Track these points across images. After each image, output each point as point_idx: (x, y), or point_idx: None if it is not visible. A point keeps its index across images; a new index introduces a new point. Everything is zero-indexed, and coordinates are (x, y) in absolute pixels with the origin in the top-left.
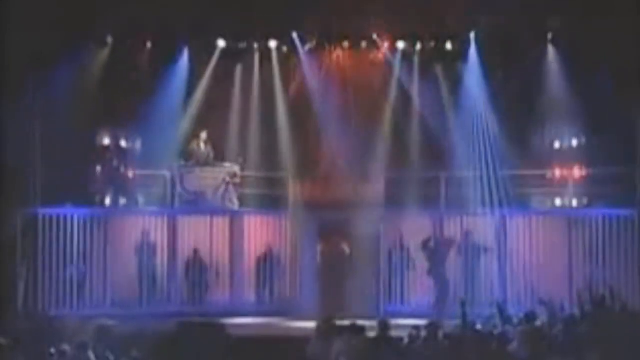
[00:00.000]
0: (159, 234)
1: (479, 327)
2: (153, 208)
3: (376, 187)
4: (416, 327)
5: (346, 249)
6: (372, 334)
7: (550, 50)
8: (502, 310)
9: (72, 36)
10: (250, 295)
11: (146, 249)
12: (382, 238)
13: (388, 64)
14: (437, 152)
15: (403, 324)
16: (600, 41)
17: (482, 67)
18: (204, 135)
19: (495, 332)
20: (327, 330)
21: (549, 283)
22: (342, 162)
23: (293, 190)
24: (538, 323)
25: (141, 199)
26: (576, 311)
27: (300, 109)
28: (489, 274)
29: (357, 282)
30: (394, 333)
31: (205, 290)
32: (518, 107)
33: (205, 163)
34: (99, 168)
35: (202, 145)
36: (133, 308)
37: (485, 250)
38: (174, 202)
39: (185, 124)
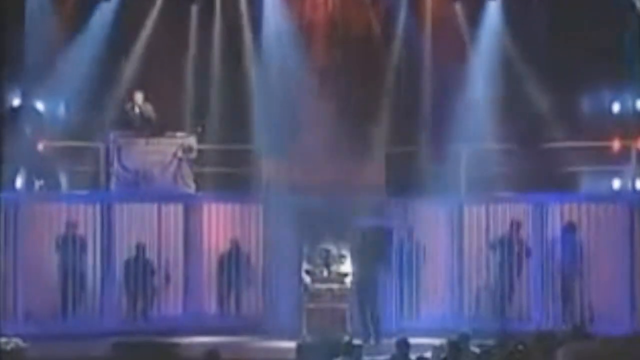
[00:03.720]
0: (89, 226)
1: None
2: (81, 192)
3: (375, 166)
4: (439, 347)
5: (336, 245)
6: (382, 357)
7: None
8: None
9: None
10: (210, 306)
11: (71, 246)
12: (385, 231)
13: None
14: (455, 120)
15: (415, 343)
16: None
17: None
18: (139, 96)
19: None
20: (311, 351)
21: (603, 292)
22: (330, 133)
23: (266, 168)
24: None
25: (65, 180)
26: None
27: (275, 63)
28: (524, 279)
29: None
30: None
31: (150, 300)
32: (561, 58)
33: (151, 133)
34: (5, 137)
35: (140, 109)
36: (54, 324)
37: (518, 247)
38: (109, 183)
39: (125, 82)
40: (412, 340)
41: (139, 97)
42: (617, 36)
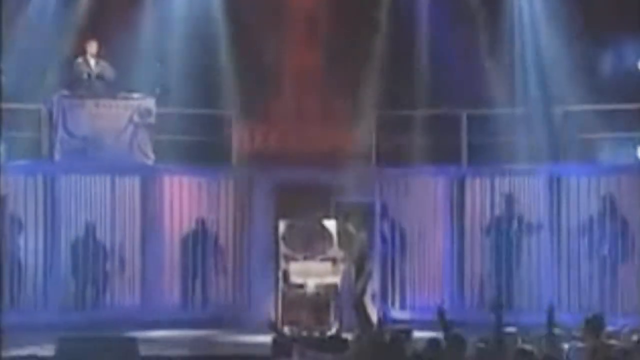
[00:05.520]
0: (30, 202)
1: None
2: (20, 162)
3: (364, 132)
4: (434, 340)
5: (318, 224)
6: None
7: None
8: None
9: None
10: (172, 295)
11: (9, 225)
12: (375, 209)
13: None
14: (456, 78)
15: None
16: None
17: None
18: (94, 46)
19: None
20: (288, 347)
21: (630, 281)
22: (313, 93)
23: (238, 136)
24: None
25: (1, 149)
26: None
27: (249, 10)
28: (534, 264)
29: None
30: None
31: (102, 288)
32: (579, 8)
33: (101, 93)
34: None
35: (93, 64)
36: None
37: (529, 227)
38: (53, 152)
39: (70, 33)
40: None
41: (92, 47)
42: None
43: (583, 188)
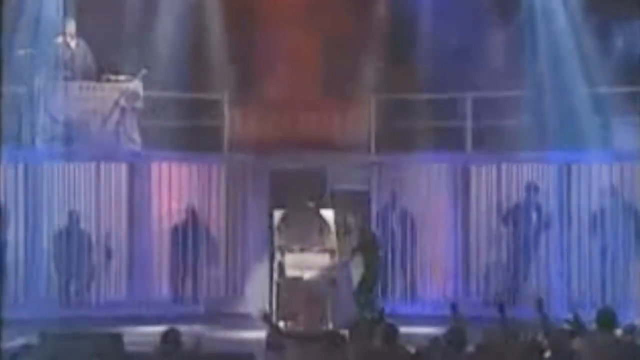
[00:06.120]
0: (10, 191)
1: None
2: None
3: (361, 116)
4: (435, 339)
5: (315, 214)
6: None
7: None
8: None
9: None
10: (161, 289)
11: None
12: (373, 197)
13: None
14: (460, 58)
15: (411, 333)
16: None
17: None
18: (71, 26)
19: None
20: (282, 343)
21: None
22: (309, 78)
23: (230, 121)
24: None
25: None
26: None
27: None
28: (542, 258)
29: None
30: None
31: (87, 281)
32: None
33: (84, 76)
34: None
35: (73, 45)
36: None
37: (539, 217)
38: (34, 138)
39: (49, 8)
40: (405, 329)
41: (71, 26)
42: None
43: (595, 176)
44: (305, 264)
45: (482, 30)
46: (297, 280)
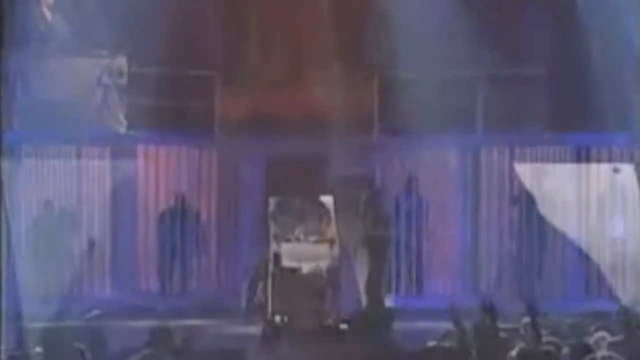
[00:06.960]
0: None
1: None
2: None
3: (365, 95)
4: (433, 349)
5: (314, 201)
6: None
7: None
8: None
9: None
10: (148, 281)
11: None
12: (376, 181)
13: None
14: (470, 39)
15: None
16: None
17: None
18: None
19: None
20: (279, 337)
21: None
22: (307, 55)
23: (222, 100)
24: None
25: None
26: None
27: None
28: (559, 248)
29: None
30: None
31: (68, 273)
32: None
33: (64, 51)
34: None
35: (49, 17)
36: None
37: (553, 203)
38: (12, 119)
39: None
40: (412, 325)
41: None
42: None
43: (614, 159)
44: (303, 255)
45: (497, 6)
46: (294, 271)
